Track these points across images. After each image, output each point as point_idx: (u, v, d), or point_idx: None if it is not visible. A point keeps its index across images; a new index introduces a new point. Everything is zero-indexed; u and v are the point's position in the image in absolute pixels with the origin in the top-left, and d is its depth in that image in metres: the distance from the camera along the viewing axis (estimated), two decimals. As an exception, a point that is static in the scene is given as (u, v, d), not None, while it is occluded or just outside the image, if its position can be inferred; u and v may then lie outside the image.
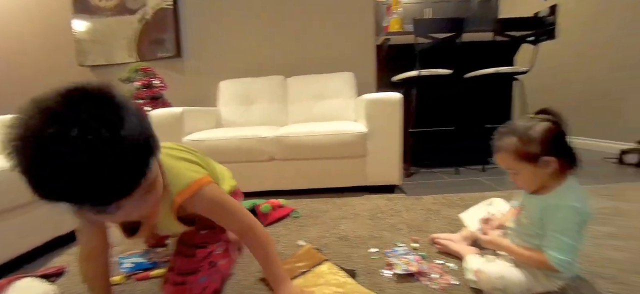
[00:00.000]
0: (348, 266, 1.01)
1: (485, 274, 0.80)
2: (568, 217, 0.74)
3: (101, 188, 0.48)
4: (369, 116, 1.75)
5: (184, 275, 0.85)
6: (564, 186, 0.77)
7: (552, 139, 0.75)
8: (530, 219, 0.82)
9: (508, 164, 0.80)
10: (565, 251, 0.74)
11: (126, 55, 2.68)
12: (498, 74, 2.19)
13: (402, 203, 1.61)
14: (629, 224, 1.24)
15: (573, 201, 0.75)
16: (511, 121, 0.83)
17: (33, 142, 0.45)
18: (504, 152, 0.79)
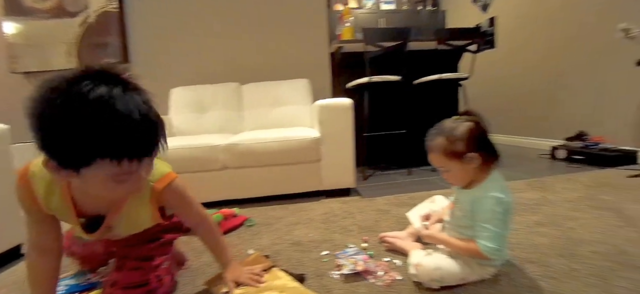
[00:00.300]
0: (299, 271, 1.00)
1: (424, 267, 0.85)
2: (493, 207, 0.81)
3: (139, 139, 0.57)
4: (322, 122, 1.78)
5: (128, 289, 0.80)
6: (489, 179, 0.85)
7: (475, 137, 0.82)
8: (463, 212, 0.88)
9: (439, 162, 0.86)
10: (493, 239, 0.80)
11: (65, 62, 2.48)
12: (443, 80, 2.34)
13: (355, 205, 1.64)
14: (554, 213, 1.37)
15: (496, 191, 0.82)
16: (440, 122, 0.89)
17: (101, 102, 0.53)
18: (435, 152, 0.85)
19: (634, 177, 1.81)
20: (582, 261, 0.96)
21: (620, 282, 0.85)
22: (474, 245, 0.82)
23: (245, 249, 1.21)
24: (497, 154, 0.85)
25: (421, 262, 0.86)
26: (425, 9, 5.20)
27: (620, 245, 1.05)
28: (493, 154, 0.84)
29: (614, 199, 1.48)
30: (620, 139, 2.35)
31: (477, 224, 0.83)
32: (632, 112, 2.30)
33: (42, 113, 0.53)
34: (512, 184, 1.86)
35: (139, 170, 0.61)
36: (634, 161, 2.17)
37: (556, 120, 2.95)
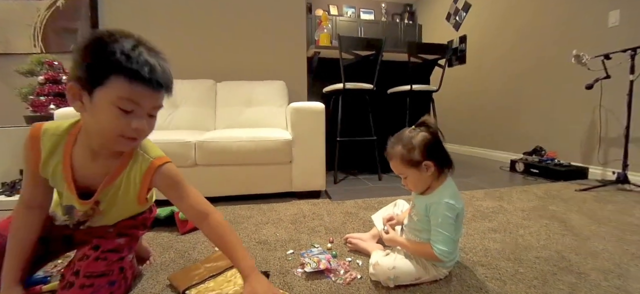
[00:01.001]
0: (263, 268, 1.02)
1: (381, 266, 0.89)
2: (445, 212, 0.86)
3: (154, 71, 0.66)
4: (294, 124, 1.80)
5: (91, 278, 0.77)
6: (442, 186, 0.91)
7: (430, 147, 0.87)
8: (418, 216, 0.94)
9: (398, 169, 0.91)
10: (445, 242, 0.86)
11: (29, 45, 2.35)
12: (415, 91, 2.44)
13: (325, 208, 1.67)
14: (508, 220, 1.47)
15: (448, 197, 0.88)
16: (399, 132, 0.94)
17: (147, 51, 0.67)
18: (394, 160, 0.91)
19: (581, 191, 1.97)
20: (527, 265, 1.04)
21: (559, 285, 0.93)
22: (428, 248, 0.88)
23: (211, 247, 1.20)
24: (451, 162, 0.91)
25: (379, 261, 0.90)
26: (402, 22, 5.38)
27: (562, 251, 1.15)
28: (447, 163, 0.90)
29: (562, 210, 1.61)
30: (572, 155, 2.54)
31: (432, 228, 0.88)
32: (582, 131, 2.50)
33: (79, 43, 0.64)
34: (473, 193, 1.97)
35: (145, 107, 0.68)
36: (584, 176, 2.36)
37: (516, 135, 3.15)
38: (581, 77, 2.32)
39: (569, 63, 2.36)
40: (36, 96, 1.98)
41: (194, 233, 1.34)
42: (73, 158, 0.74)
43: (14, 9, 2.35)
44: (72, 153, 0.74)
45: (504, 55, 3.31)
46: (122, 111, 0.64)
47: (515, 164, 2.68)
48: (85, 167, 0.75)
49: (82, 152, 0.74)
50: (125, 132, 0.67)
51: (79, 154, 0.74)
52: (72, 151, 0.74)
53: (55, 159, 0.73)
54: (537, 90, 2.91)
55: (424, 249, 0.89)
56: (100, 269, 0.80)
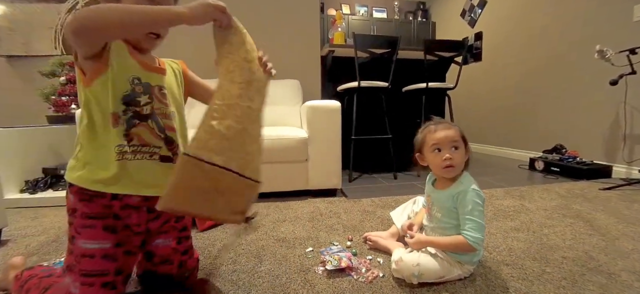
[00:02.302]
0: (283, 266, 1.01)
1: (404, 262, 0.87)
2: (475, 199, 0.87)
3: None
4: (310, 122, 1.79)
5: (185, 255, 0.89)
6: (464, 176, 0.93)
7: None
8: (442, 211, 0.92)
9: (456, 138, 0.92)
10: (478, 229, 0.85)
11: (50, 47, 2.42)
12: (430, 89, 2.40)
13: (341, 206, 1.66)
14: (531, 219, 1.43)
15: (473, 184, 0.90)
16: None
17: None
18: (455, 130, 0.93)
19: (605, 190, 1.91)
20: (554, 265, 1.01)
21: (589, 285, 0.90)
22: (460, 239, 0.86)
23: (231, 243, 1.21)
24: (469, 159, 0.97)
25: (402, 257, 0.89)
26: (415, 20, 5.32)
27: (589, 252, 1.11)
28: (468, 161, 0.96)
29: (587, 210, 1.56)
30: (594, 153, 2.46)
31: (462, 218, 0.88)
32: (605, 129, 2.42)
33: None
34: (492, 191, 1.93)
35: None
36: (608, 175, 2.28)
37: (535, 133, 3.07)
38: (604, 73, 2.25)
39: (591, 59, 2.29)
40: (58, 96, 2.03)
41: (215, 231, 1.35)
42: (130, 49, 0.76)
43: (36, 12, 2.42)
44: None
45: (521, 51, 3.23)
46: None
47: (534, 162, 2.61)
48: (141, 58, 0.78)
49: (130, 48, 0.76)
50: (156, 29, 0.76)
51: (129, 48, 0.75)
52: None
53: (118, 43, 0.73)
54: (557, 87, 2.83)
55: (456, 241, 0.87)
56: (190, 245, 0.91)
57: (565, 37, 2.74)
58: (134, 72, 0.75)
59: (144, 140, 0.75)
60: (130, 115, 0.73)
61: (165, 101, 0.80)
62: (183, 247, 0.87)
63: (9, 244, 1.29)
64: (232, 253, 1.13)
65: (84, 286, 0.71)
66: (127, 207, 0.75)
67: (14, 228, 1.48)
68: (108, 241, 0.73)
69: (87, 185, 0.71)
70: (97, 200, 0.72)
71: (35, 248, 1.24)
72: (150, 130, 0.76)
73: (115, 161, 0.71)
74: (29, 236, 1.37)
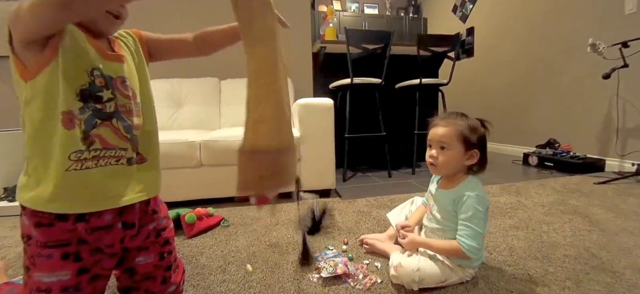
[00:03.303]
0: (276, 273, 0.96)
1: (404, 268, 0.83)
2: (476, 206, 0.81)
3: None
4: (302, 121, 1.74)
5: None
6: (469, 180, 0.87)
7: (484, 143, 0.86)
8: (442, 213, 0.88)
9: (447, 138, 0.85)
10: (474, 237, 0.80)
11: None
12: (424, 85, 2.37)
13: (336, 207, 1.61)
14: (529, 217, 1.40)
15: (479, 191, 0.83)
16: (460, 112, 0.91)
17: None
18: (452, 127, 0.85)
19: (600, 184, 1.90)
20: (557, 264, 0.98)
21: (594, 285, 0.87)
22: (455, 244, 0.82)
23: (220, 250, 1.15)
24: (486, 165, 0.89)
25: (402, 262, 0.84)
26: (407, 16, 5.29)
27: (591, 249, 1.08)
28: (484, 164, 0.88)
29: (583, 205, 1.54)
30: (587, 147, 2.46)
31: (459, 223, 0.83)
32: (598, 123, 2.42)
33: None
34: (487, 188, 1.90)
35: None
36: (601, 169, 2.28)
37: (527, 128, 3.07)
38: (597, 67, 2.24)
39: (583, 53, 2.28)
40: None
41: (204, 237, 1.29)
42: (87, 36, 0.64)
43: (13, 11, 2.30)
44: None
45: (514, 46, 3.22)
46: None
47: (528, 157, 2.60)
48: (99, 44, 0.66)
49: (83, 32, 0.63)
50: (108, 4, 0.62)
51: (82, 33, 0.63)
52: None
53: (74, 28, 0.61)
54: (549, 81, 2.83)
55: (451, 246, 0.83)
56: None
57: (557, 31, 2.74)
58: (93, 62, 0.62)
59: (107, 143, 0.64)
60: (89, 113, 0.61)
61: (128, 94, 0.68)
62: (166, 263, 0.77)
63: (-16, 255, 1.21)
64: (221, 260, 1.07)
65: None
66: (96, 230, 0.64)
67: (-10, 238, 1.39)
68: (68, 271, 0.62)
69: (43, 207, 0.59)
70: (58, 224, 0.61)
71: (13, 259, 1.16)
72: (114, 130, 0.65)
73: (73, 172, 0.59)
74: (6, 247, 1.29)
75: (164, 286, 0.76)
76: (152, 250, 0.74)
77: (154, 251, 0.75)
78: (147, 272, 0.74)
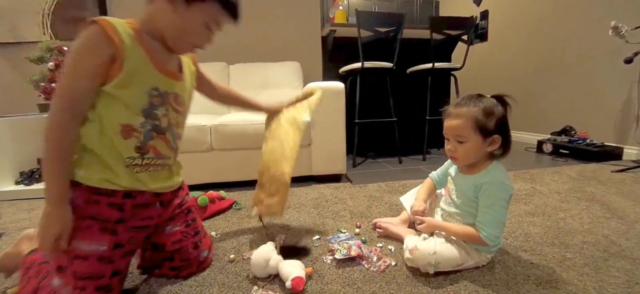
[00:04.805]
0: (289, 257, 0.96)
1: (420, 251, 0.82)
2: (500, 194, 0.79)
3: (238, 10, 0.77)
4: (313, 105, 1.71)
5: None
6: (493, 166, 0.83)
7: (504, 123, 0.80)
8: (462, 198, 0.86)
9: (461, 130, 0.80)
10: (495, 225, 0.79)
11: (38, 33, 2.31)
12: (436, 69, 2.31)
13: (347, 191, 1.60)
14: (545, 203, 1.37)
15: (503, 178, 0.81)
16: (473, 94, 0.85)
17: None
18: (464, 118, 0.80)
19: (618, 172, 1.85)
20: (575, 251, 0.96)
21: (613, 272, 0.85)
22: (473, 230, 0.80)
23: (233, 231, 1.15)
24: (510, 146, 0.84)
25: (417, 246, 0.83)
26: None
27: (609, 236, 1.05)
28: (508, 147, 0.83)
29: (601, 192, 1.50)
30: (605, 135, 2.40)
31: (481, 210, 0.81)
32: (617, 110, 2.34)
33: None
34: (501, 175, 1.87)
35: (218, 31, 0.76)
36: (618, 157, 2.22)
37: (541, 115, 2.99)
38: (618, 51, 2.16)
39: (603, 37, 2.19)
40: (48, 82, 1.95)
41: (216, 219, 1.30)
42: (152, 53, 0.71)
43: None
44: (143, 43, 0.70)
45: (530, 31, 3.12)
46: (207, 28, 0.73)
47: (542, 144, 2.54)
48: (158, 58, 0.72)
49: (159, 49, 0.72)
50: (199, 43, 0.75)
51: (156, 50, 0.72)
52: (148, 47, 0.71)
53: (136, 51, 0.67)
54: (565, 67, 2.74)
55: (470, 233, 0.81)
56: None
57: (576, 14, 2.63)
58: (153, 82, 0.71)
59: (159, 153, 0.75)
60: (148, 128, 0.71)
61: (179, 110, 0.79)
62: (192, 229, 0.87)
63: (4, 237, 1.24)
64: (235, 242, 1.08)
65: (76, 290, 0.66)
66: (139, 206, 0.74)
67: (9, 220, 1.42)
68: (105, 243, 0.69)
69: (98, 184, 0.68)
70: (105, 199, 0.69)
71: (30, 240, 1.18)
72: (166, 143, 0.76)
73: (123, 168, 0.70)
74: (24, 229, 1.31)
75: (196, 251, 0.87)
76: (178, 219, 0.85)
77: (180, 220, 0.85)
78: (177, 240, 0.84)
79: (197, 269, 0.88)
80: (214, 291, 0.80)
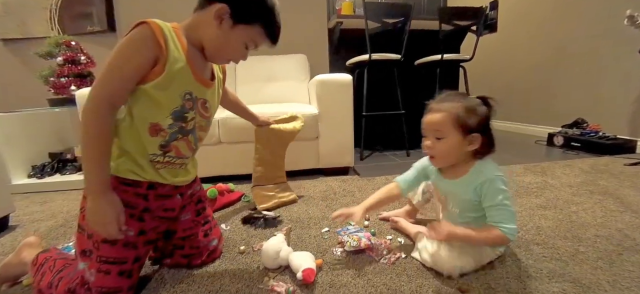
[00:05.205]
0: (299, 247, 0.96)
1: (443, 258, 0.78)
2: (501, 187, 0.77)
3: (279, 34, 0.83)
4: (320, 97, 1.71)
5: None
6: (481, 163, 0.81)
7: (487, 123, 0.77)
8: (461, 205, 0.83)
9: (441, 126, 0.77)
10: (511, 219, 0.76)
11: (46, 29, 2.33)
12: (445, 61, 2.28)
13: (355, 184, 1.60)
14: (556, 196, 1.35)
15: (498, 171, 0.79)
16: (453, 91, 0.83)
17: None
18: (445, 113, 0.76)
19: (631, 166, 1.81)
20: (588, 244, 0.95)
21: (627, 266, 0.83)
22: (496, 232, 0.75)
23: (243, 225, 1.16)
24: (494, 146, 0.81)
25: (440, 253, 0.79)
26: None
27: (623, 230, 1.04)
28: (491, 147, 0.80)
29: (614, 186, 1.48)
30: (617, 128, 2.35)
31: (491, 209, 0.77)
32: (630, 102, 2.29)
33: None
34: (510, 168, 1.85)
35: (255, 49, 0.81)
36: (632, 151, 2.18)
37: (553, 107, 2.94)
38: (632, 42, 2.10)
39: (617, 27, 2.13)
40: (57, 77, 1.97)
41: (226, 211, 1.31)
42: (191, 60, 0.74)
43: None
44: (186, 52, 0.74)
45: (540, 21, 3.05)
46: (245, 47, 0.77)
47: (553, 137, 2.50)
48: (196, 65, 0.75)
49: (195, 52, 0.75)
50: (235, 59, 0.79)
51: (195, 57, 0.75)
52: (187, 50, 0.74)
53: (178, 57, 0.70)
54: (577, 58, 2.68)
55: (493, 236, 0.76)
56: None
57: (588, 3, 2.57)
58: (188, 86, 0.74)
59: (181, 153, 0.78)
60: (175, 129, 0.74)
61: (206, 114, 0.82)
62: (202, 218, 0.91)
63: (17, 229, 1.26)
64: (245, 234, 1.08)
65: (100, 274, 0.69)
66: (161, 197, 0.77)
67: (22, 213, 1.45)
68: (132, 228, 0.72)
69: (125, 174, 0.72)
70: (131, 189, 0.72)
71: (44, 232, 1.21)
72: (188, 144, 0.79)
73: (147, 162, 0.74)
74: (37, 221, 1.34)
75: (206, 239, 0.89)
76: (189, 208, 0.88)
77: (191, 209, 0.88)
78: (187, 227, 0.87)
79: (207, 258, 0.89)
80: (225, 281, 0.81)
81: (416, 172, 0.96)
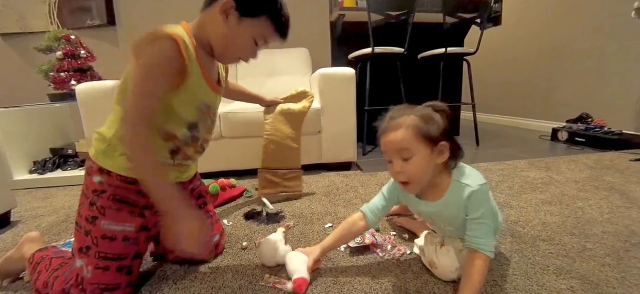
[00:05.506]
0: (302, 243, 0.95)
1: (441, 268, 0.76)
2: (484, 197, 0.71)
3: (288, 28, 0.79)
4: (322, 91, 1.69)
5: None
6: (460, 174, 0.73)
7: (449, 129, 0.70)
8: (453, 224, 0.76)
9: (406, 143, 0.67)
10: (489, 234, 0.69)
11: (46, 23, 2.31)
12: (449, 55, 2.25)
13: (357, 179, 1.59)
14: (562, 192, 1.34)
15: (480, 179, 0.71)
16: (398, 106, 0.74)
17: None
18: (404, 129, 0.67)
19: (637, 161, 1.79)
20: (595, 241, 0.93)
21: (636, 263, 0.82)
22: (481, 263, 0.66)
23: (245, 220, 1.15)
24: (461, 150, 0.72)
25: (436, 263, 0.77)
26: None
27: (631, 226, 1.02)
28: (460, 151, 0.72)
29: (620, 181, 1.46)
30: (623, 123, 2.32)
31: (471, 224, 0.70)
32: (636, 97, 2.26)
33: None
34: (514, 163, 1.83)
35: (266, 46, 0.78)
36: (638, 146, 2.15)
37: (556, 102, 2.91)
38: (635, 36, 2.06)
39: (624, 20, 2.09)
40: (56, 72, 1.95)
41: (228, 206, 1.30)
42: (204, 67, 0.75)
43: (28, -12, 2.29)
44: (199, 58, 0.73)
45: (544, 14, 3.01)
46: (255, 42, 0.75)
47: (557, 132, 2.48)
48: (208, 72, 0.76)
49: (205, 56, 0.75)
50: (244, 57, 0.78)
51: (204, 58, 0.74)
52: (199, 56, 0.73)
53: (195, 66, 0.71)
54: (582, 52, 2.64)
55: (480, 273, 0.66)
56: None
57: (595, -5, 2.52)
58: (203, 96, 0.76)
59: (188, 155, 0.79)
60: (187, 137, 0.75)
61: (214, 119, 0.84)
62: (203, 213, 0.90)
63: (19, 225, 1.26)
64: (247, 230, 1.08)
65: (98, 270, 0.68)
66: None
67: (24, 208, 1.45)
68: (133, 224, 0.72)
69: (126, 172, 0.71)
70: (133, 187, 0.72)
71: (46, 228, 1.21)
72: (195, 148, 0.80)
73: None
74: (39, 217, 1.34)
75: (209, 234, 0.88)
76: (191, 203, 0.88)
77: (192, 204, 0.87)
78: None
79: (209, 254, 0.88)
80: (227, 277, 0.80)
81: (385, 201, 0.83)
